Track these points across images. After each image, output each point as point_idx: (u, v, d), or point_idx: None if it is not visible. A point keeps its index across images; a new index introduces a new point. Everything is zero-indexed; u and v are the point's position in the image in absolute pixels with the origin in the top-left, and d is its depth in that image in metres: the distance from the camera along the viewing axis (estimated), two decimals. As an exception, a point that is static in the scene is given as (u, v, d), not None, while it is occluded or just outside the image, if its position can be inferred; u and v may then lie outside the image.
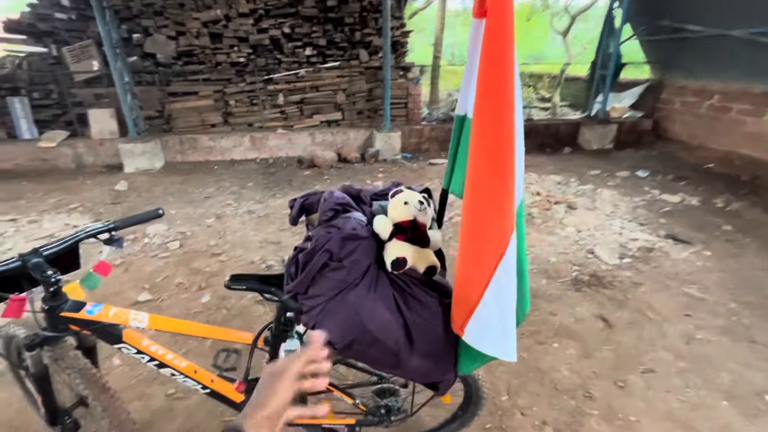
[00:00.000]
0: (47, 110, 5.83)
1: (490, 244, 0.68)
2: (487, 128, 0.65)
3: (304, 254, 0.83)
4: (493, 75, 0.62)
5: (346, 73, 6.42)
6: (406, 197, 0.91)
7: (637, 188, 4.72)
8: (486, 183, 0.67)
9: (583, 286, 2.77)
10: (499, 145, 0.64)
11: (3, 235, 3.57)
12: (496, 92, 0.63)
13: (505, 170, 0.65)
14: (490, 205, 0.67)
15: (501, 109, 0.63)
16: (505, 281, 0.69)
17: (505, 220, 0.67)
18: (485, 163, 0.66)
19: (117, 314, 1.09)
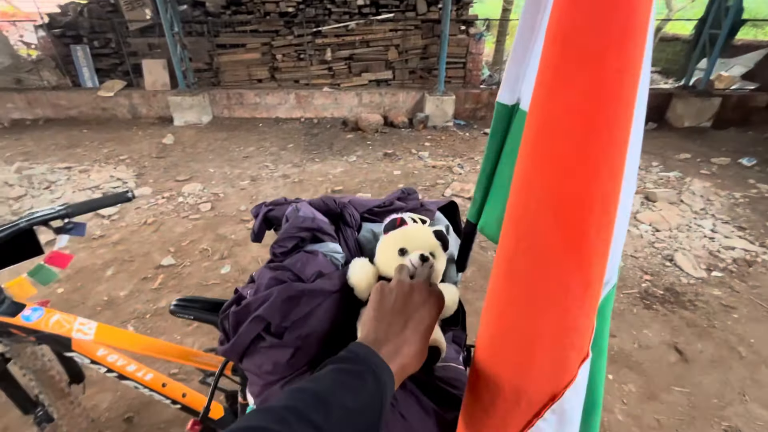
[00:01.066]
0: (107, 59, 5.96)
1: (536, 376, 0.35)
2: (563, 138, 0.29)
3: (236, 312, 0.55)
4: (594, 18, 0.26)
5: (401, 26, 5.82)
6: (405, 241, 0.57)
7: (740, 180, 3.87)
8: (544, 253, 0.32)
9: (655, 302, 2.28)
10: (587, 179, 0.29)
11: (56, 183, 3.72)
12: (600, 59, 0.26)
13: (593, 234, 0.30)
14: (547, 301, 0.33)
15: (605, 100, 0.27)
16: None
17: (574, 339, 0.33)
18: (549, 211, 0.31)
19: (59, 323, 0.91)
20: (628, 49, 0.27)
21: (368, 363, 0.37)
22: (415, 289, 0.46)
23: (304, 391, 0.34)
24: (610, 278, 0.39)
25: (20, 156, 4.40)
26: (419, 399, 0.49)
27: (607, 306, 0.41)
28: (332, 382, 0.35)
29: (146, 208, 3.29)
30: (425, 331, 0.43)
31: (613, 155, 0.29)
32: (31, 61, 6.11)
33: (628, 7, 0.26)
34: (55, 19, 5.76)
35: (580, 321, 0.33)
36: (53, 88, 5.81)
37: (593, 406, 0.42)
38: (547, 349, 0.35)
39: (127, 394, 1.72)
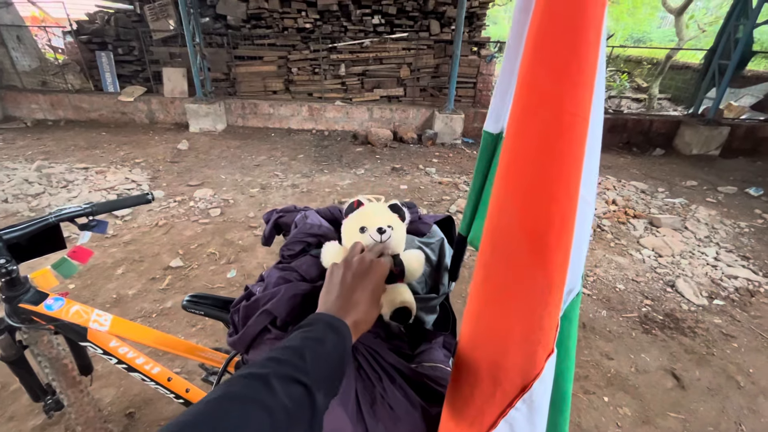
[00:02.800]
0: (129, 66, 6.19)
1: (508, 368, 0.40)
2: (528, 161, 0.34)
3: (246, 306, 0.61)
4: (552, 62, 0.32)
5: (414, 45, 5.99)
6: (364, 219, 0.63)
7: (746, 210, 3.87)
8: (514, 261, 0.37)
9: (654, 327, 2.28)
10: (548, 196, 0.34)
11: (73, 183, 3.85)
12: (556, 95, 0.32)
13: (553, 244, 0.35)
14: (517, 302, 0.38)
15: (561, 129, 0.33)
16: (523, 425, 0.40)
17: (540, 335, 0.38)
18: (518, 224, 0.36)
19: (77, 313, 0.97)
20: (579, 97, 0.32)
21: (324, 321, 0.47)
22: (356, 262, 0.56)
23: (280, 349, 0.41)
24: (574, 287, 0.44)
25: (41, 155, 4.56)
26: (407, 393, 0.54)
27: (573, 311, 0.46)
28: (300, 339, 0.43)
29: (158, 211, 3.39)
30: (371, 292, 0.53)
31: (569, 180, 0.34)
32: (57, 65, 6.36)
33: (578, 63, 0.32)
34: (83, 26, 6.02)
35: (545, 320, 0.38)
36: (76, 92, 6.03)
37: (562, 399, 0.46)
38: (518, 345, 0.39)
39: (129, 390, 1.77)
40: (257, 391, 0.35)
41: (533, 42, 0.33)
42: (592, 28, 0.30)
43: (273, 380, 0.36)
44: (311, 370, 0.39)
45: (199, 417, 0.32)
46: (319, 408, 0.39)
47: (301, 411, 0.36)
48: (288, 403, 0.35)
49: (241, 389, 0.35)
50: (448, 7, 5.82)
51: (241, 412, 0.33)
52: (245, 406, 0.33)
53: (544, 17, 0.31)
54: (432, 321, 0.69)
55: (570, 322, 0.45)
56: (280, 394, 0.35)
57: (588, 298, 2.52)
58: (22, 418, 1.64)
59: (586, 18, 0.30)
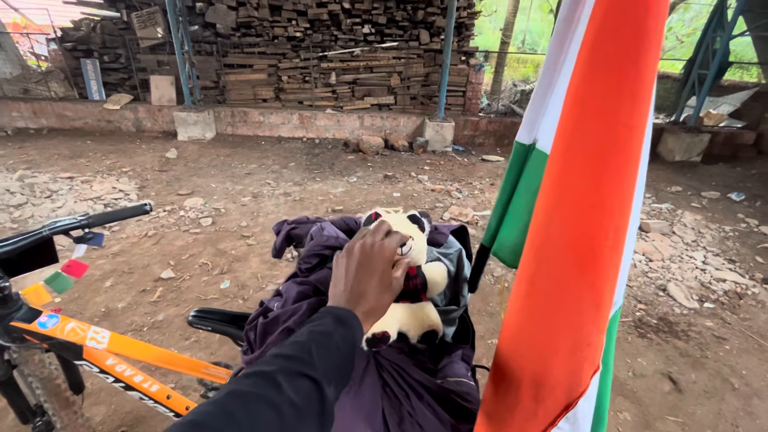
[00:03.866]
0: (115, 74, 6.09)
1: (553, 386, 0.39)
2: (580, 179, 0.34)
3: (264, 323, 0.59)
4: (609, 82, 0.31)
5: (404, 54, 6.04)
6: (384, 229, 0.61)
7: (729, 214, 3.98)
8: (562, 278, 0.37)
9: (649, 331, 2.31)
10: (599, 215, 0.34)
11: (57, 192, 3.74)
12: (612, 116, 0.32)
13: (604, 263, 0.35)
14: (564, 320, 0.37)
15: (616, 149, 0.32)
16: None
17: (587, 353, 0.37)
18: (566, 242, 0.35)
19: (73, 330, 0.93)
20: (637, 109, 0.32)
21: (332, 313, 0.46)
22: (357, 249, 0.54)
23: (287, 345, 0.42)
24: (617, 300, 0.44)
25: (23, 164, 4.43)
26: (436, 411, 0.52)
27: (614, 325, 0.45)
28: (308, 333, 0.43)
29: (147, 221, 3.31)
30: (379, 279, 0.52)
31: (623, 196, 0.34)
32: (40, 72, 6.22)
33: (637, 76, 0.31)
34: (68, 34, 5.91)
35: (594, 337, 0.38)
36: (60, 99, 5.89)
37: (601, 416, 0.46)
38: (564, 362, 0.39)
39: (121, 408, 1.70)
40: (264, 389, 0.35)
41: (588, 56, 0.33)
42: (654, 41, 0.30)
43: (279, 377, 0.37)
44: (318, 364, 0.40)
45: (207, 416, 0.32)
46: (329, 399, 0.39)
47: (310, 404, 0.37)
48: (295, 398, 0.36)
49: (248, 387, 0.35)
50: (438, 17, 5.90)
51: (248, 409, 0.33)
52: (252, 404, 0.34)
53: (603, 30, 0.31)
54: (451, 334, 0.68)
55: (610, 337, 0.44)
56: (287, 390, 0.36)
57: (583, 303, 2.54)
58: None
59: (648, 31, 0.30)
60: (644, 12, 0.30)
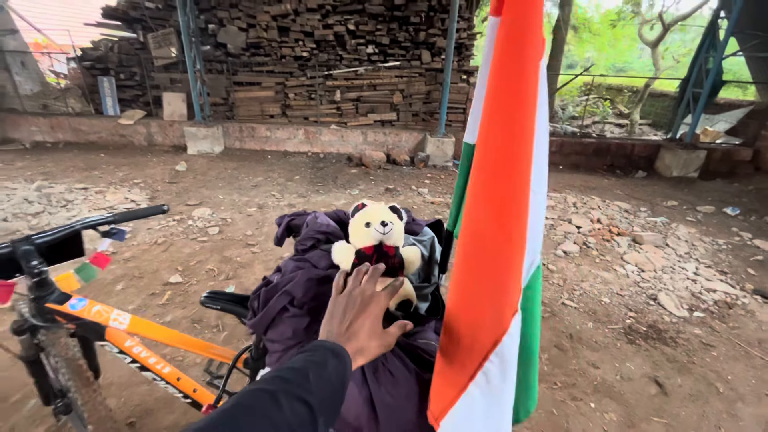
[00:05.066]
0: (130, 90, 6.37)
1: (483, 326, 0.50)
2: (491, 162, 0.47)
3: (266, 291, 0.70)
4: (504, 91, 0.44)
5: (406, 73, 6.28)
6: (368, 216, 0.74)
7: (724, 228, 4.06)
8: (483, 239, 0.49)
9: (638, 338, 2.38)
10: (506, 189, 0.46)
11: (72, 202, 3.92)
12: (508, 114, 0.44)
13: (512, 225, 0.47)
14: (486, 271, 0.49)
15: (513, 138, 0.45)
16: (497, 374, 0.51)
17: (505, 296, 0.49)
18: (485, 211, 0.48)
19: (99, 312, 1.05)
20: (524, 109, 0.45)
21: (326, 347, 0.49)
22: (357, 295, 0.57)
23: (285, 369, 0.44)
24: (534, 260, 0.55)
25: (40, 176, 4.63)
26: (404, 361, 0.63)
27: (536, 282, 0.57)
28: (303, 361, 0.46)
29: (157, 229, 3.46)
30: (370, 324, 0.55)
31: (521, 179, 0.46)
32: (59, 89, 6.52)
33: (526, 89, 0.44)
34: (87, 53, 6.23)
35: (510, 285, 0.49)
36: (77, 115, 6.16)
37: (531, 355, 0.57)
38: (489, 306, 0.50)
39: (130, 400, 1.80)
40: (266, 405, 0.37)
41: (493, 79, 0.46)
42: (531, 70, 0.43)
43: (280, 396, 0.39)
44: (315, 391, 0.41)
45: (212, 425, 0.34)
46: (320, 429, 0.40)
47: (304, 429, 0.38)
48: (293, 420, 0.38)
49: (252, 401, 0.37)
50: (438, 38, 6.15)
51: (250, 422, 0.35)
52: (254, 417, 0.36)
53: (501, 64, 0.44)
54: (425, 308, 0.80)
55: (534, 291, 0.56)
56: (287, 411, 0.38)
57: (575, 311, 2.62)
58: (24, 429, 1.67)
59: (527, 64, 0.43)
60: (523, 46, 0.43)
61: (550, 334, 2.37)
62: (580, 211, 4.25)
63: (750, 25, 5.84)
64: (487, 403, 0.53)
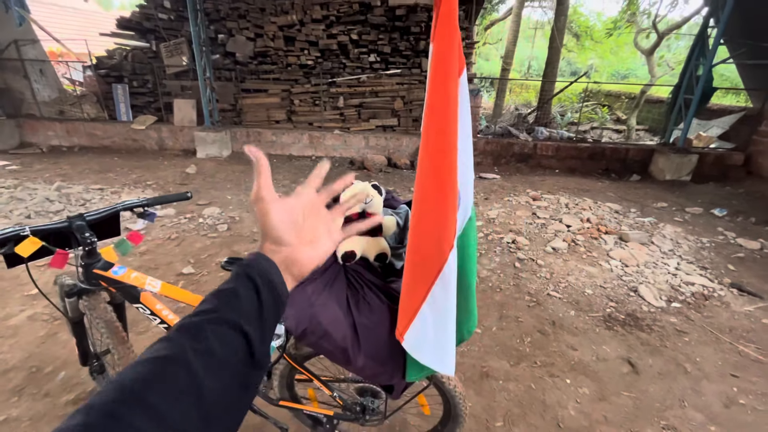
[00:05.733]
0: (142, 97, 6.67)
1: (429, 259, 0.71)
2: (431, 147, 0.68)
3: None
4: (436, 96, 0.65)
5: (407, 80, 6.53)
6: (354, 190, 0.95)
7: (709, 228, 4.23)
8: (429, 197, 0.69)
9: (616, 324, 2.57)
10: (442, 163, 0.67)
11: (90, 201, 4.17)
12: (439, 112, 0.65)
13: (448, 187, 0.67)
14: (431, 219, 0.70)
15: (444, 129, 0.66)
16: (441, 296, 0.71)
17: (444, 236, 0.69)
18: (430, 179, 0.69)
19: (137, 278, 1.27)
20: (446, 115, 0.66)
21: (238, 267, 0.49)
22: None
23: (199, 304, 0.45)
24: (466, 214, 0.76)
25: (58, 177, 4.90)
26: (379, 296, 0.84)
27: (471, 229, 0.78)
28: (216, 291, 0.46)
29: (170, 226, 3.69)
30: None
31: (451, 160, 0.67)
32: (75, 96, 6.84)
33: (447, 102, 0.66)
34: (102, 62, 6.55)
35: (447, 227, 0.70)
36: (91, 120, 6.46)
37: (468, 287, 0.77)
38: (432, 241, 0.71)
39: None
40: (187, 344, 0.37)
41: (429, 87, 0.67)
42: (452, 80, 0.65)
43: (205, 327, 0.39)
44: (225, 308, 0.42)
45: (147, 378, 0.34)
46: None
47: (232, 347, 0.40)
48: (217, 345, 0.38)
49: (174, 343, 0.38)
50: (438, 46, 6.40)
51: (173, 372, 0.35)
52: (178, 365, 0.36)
53: (432, 77, 0.66)
54: (400, 266, 1.00)
55: (468, 236, 0.77)
56: (212, 340, 0.38)
57: (559, 300, 2.80)
58: (56, 395, 1.88)
59: (449, 76, 0.65)
60: (446, 65, 0.64)
61: (534, 321, 2.56)
62: (572, 211, 4.44)
63: (739, 33, 6.03)
64: (435, 318, 0.73)
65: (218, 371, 0.38)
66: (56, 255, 1.19)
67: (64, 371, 2.01)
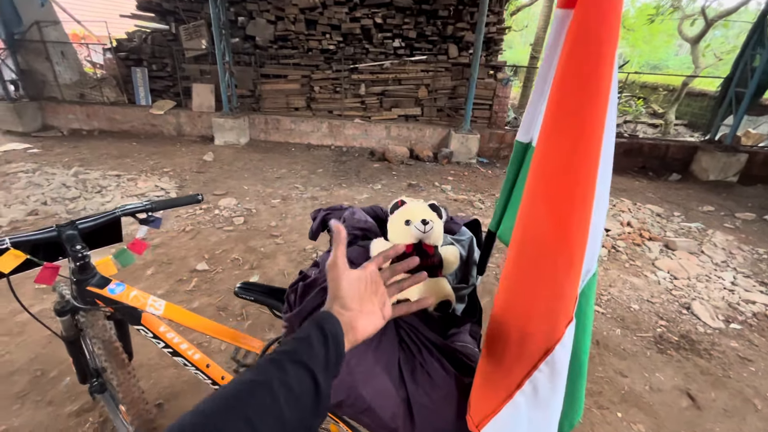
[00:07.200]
0: (161, 81, 6.54)
1: (534, 333, 0.48)
2: (555, 165, 0.44)
3: (304, 285, 0.70)
4: (575, 89, 0.41)
5: (432, 67, 6.20)
6: (408, 214, 0.72)
7: (765, 236, 3.85)
8: (542, 244, 0.46)
9: (669, 347, 2.29)
10: (570, 193, 0.43)
11: (106, 188, 4.07)
12: (577, 114, 0.42)
13: (574, 230, 0.44)
14: (543, 277, 0.47)
15: (581, 141, 0.42)
16: (546, 386, 0.48)
17: (560, 304, 0.47)
18: (545, 215, 0.45)
19: (136, 297, 1.08)
20: (596, 113, 0.42)
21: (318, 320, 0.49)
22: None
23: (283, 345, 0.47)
24: (591, 267, 0.53)
25: (76, 162, 4.83)
26: (443, 363, 0.62)
27: (591, 289, 0.54)
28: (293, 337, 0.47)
29: (185, 218, 3.55)
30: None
31: (586, 182, 0.43)
32: (95, 79, 6.76)
33: (596, 84, 0.41)
34: (122, 44, 6.42)
35: (566, 291, 0.47)
36: (111, 104, 6.38)
37: (580, 365, 0.54)
38: (542, 313, 0.48)
39: (160, 383, 1.86)
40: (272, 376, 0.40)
41: (562, 70, 0.43)
42: (607, 61, 0.40)
43: (285, 363, 0.42)
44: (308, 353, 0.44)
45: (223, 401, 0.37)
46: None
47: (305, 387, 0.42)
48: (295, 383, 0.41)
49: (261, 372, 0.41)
50: (467, 32, 6.04)
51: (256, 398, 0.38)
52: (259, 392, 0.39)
53: (571, 59, 0.42)
54: (461, 309, 0.78)
55: (587, 299, 0.53)
56: (291, 376, 0.41)
57: (602, 316, 2.54)
58: (60, 404, 1.75)
59: (602, 61, 0.40)
60: (598, 41, 0.40)
61: (576, 339, 2.31)
62: (610, 213, 4.11)
63: (803, 21, 5.46)
64: (532, 414, 0.51)
65: (295, 405, 0.41)
66: (43, 269, 1.01)
67: (69, 377, 1.88)
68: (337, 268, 0.54)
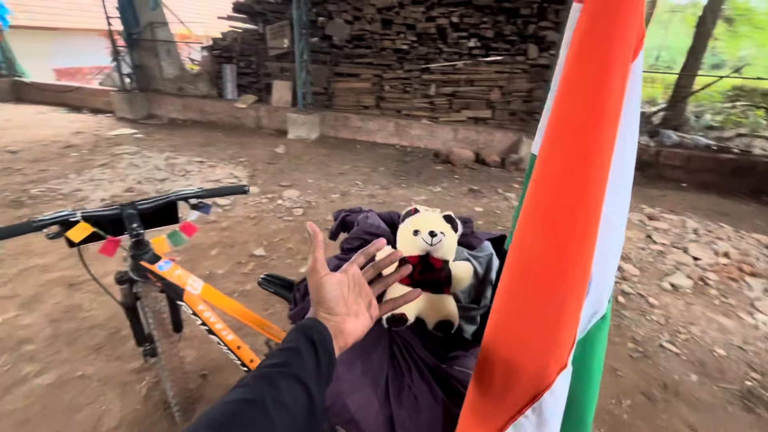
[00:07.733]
0: (246, 77, 7.10)
1: (521, 373, 0.41)
2: (554, 180, 0.37)
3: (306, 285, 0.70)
4: (579, 101, 0.34)
5: (507, 69, 5.91)
6: (417, 224, 0.67)
7: None
8: (535, 271, 0.39)
9: (759, 405, 1.92)
10: (571, 213, 0.36)
11: (190, 173, 4.53)
12: (581, 124, 0.34)
13: (574, 259, 0.37)
14: (535, 311, 0.40)
15: (585, 155, 0.35)
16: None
17: (553, 346, 0.39)
18: (542, 237, 0.38)
19: (179, 276, 1.17)
20: (603, 129, 0.34)
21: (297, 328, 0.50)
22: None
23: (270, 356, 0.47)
24: (598, 309, 0.44)
25: (169, 148, 5.44)
26: (432, 388, 0.57)
27: (599, 335, 0.45)
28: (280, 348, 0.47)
29: (252, 205, 3.81)
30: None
31: (588, 204, 0.36)
32: (192, 74, 7.56)
33: (601, 96, 0.34)
34: (216, 43, 7.09)
35: (561, 333, 0.39)
36: (203, 97, 7.09)
37: (579, 419, 0.46)
38: (532, 354, 0.41)
39: (207, 355, 2.02)
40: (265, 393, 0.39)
41: (565, 78, 0.36)
42: (616, 74, 0.33)
43: (278, 380, 0.41)
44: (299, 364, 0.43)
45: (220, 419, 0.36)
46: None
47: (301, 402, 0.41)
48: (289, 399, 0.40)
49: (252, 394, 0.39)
50: (550, 31, 5.65)
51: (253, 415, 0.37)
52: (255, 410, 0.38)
53: (576, 63, 0.35)
54: (471, 331, 0.71)
55: (594, 347, 0.45)
56: (285, 392, 0.40)
57: (675, 357, 2.22)
58: (126, 360, 1.98)
59: (611, 66, 0.33)
60: (609, 43, 0.32)
61: (638, 379, 2.04)
62: (702, 239, 3.58)
63: None
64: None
65: (289, 422, 0.40)
66: (107, 242, 1.14)
67: (136, 338, 2.12)
68: (317, 274, 0.53)
